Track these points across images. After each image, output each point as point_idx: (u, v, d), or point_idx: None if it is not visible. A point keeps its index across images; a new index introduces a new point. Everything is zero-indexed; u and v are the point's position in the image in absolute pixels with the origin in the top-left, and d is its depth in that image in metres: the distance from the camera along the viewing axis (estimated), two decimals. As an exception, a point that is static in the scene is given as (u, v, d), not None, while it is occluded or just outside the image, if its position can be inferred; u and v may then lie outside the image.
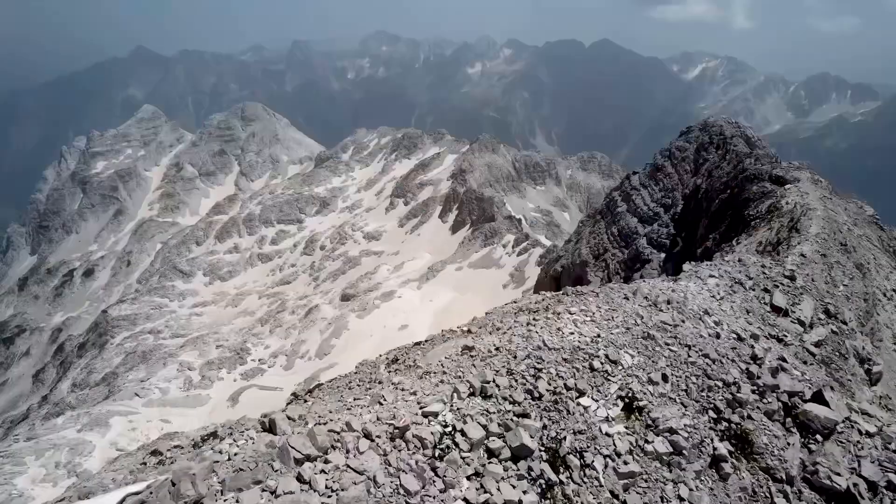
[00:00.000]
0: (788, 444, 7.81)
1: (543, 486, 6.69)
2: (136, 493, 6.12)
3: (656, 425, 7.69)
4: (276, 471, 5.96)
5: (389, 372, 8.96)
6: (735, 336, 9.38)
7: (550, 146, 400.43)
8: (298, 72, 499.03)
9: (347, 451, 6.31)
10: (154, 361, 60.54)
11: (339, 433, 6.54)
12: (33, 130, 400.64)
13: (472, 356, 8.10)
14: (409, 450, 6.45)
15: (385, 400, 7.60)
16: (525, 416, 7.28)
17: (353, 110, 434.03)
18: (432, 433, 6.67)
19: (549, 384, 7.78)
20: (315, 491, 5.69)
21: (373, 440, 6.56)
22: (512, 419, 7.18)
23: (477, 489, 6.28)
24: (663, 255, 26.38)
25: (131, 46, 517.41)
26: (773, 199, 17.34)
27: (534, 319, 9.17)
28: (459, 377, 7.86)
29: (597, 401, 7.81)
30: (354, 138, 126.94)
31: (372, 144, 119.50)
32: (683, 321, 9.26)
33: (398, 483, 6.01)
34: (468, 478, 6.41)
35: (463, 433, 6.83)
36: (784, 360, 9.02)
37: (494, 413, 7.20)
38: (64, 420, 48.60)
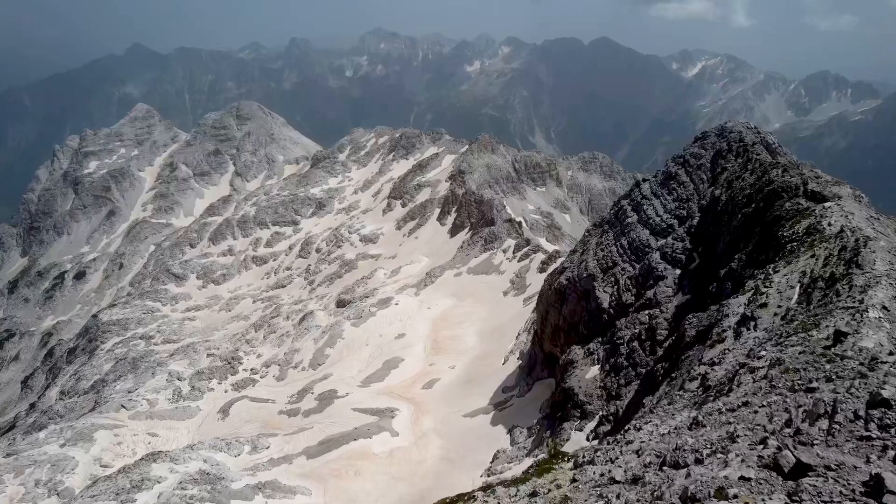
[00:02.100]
0: None
1: None
2: None
3: None
4: None
5: None
6: None
7: (549, 144, 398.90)
8: (296, 69, 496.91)
9: None
10: (143, 371, 58.58)
11: None
12: (29, 129, 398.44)
13: None
14: None
15: None
16: None
17: (352, 108, 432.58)
18: None
19: None
20: None
21: None
22: None
23: None
24: (678, 271, 24.48)
25: (128, 44, 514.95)
26: (811, 220, 15.44)
27: None
28: None
29: None
30: (351, 138, 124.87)
31: (369, 144, 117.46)
32: None
33: None
34: None
35: None
36: None
37: None
38: (46, 434, 46.67)
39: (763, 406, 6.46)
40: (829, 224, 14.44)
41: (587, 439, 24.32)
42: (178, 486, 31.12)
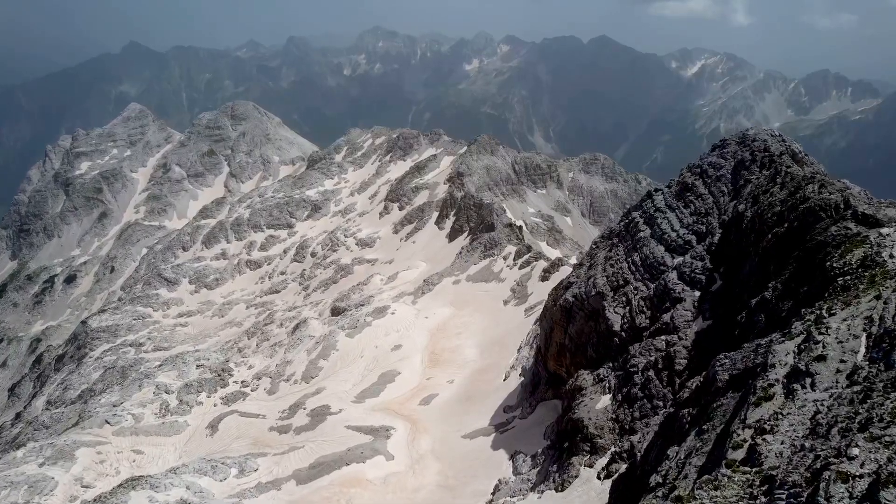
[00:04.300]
0: None
1: None
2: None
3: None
4: None
5: None
6: None
7: (548, 143, 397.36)
8: (294, 68, 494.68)
9: None
10: (129, 383, 56.44)
11: None
12: (25, 128, 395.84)
13: None
14: None
15: None
16: None
17: (350, 107, 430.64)
18: None
19: None
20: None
21: None
22: None
23: None
24: (698, 293, 22.39)
25: (124, 42, 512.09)
26: (865, 249, 13.36)
27: None
28: None
29: None
30: (348, 138, 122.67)
31: (366, 145, 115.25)
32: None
33: None
34: None
35: None
36: None
37: None
38: (24, 453, 44.46)
39: None
40: (892, 256, 12.39)
41: (598, 477, 22.26)
42: (157, 518, 29.07)
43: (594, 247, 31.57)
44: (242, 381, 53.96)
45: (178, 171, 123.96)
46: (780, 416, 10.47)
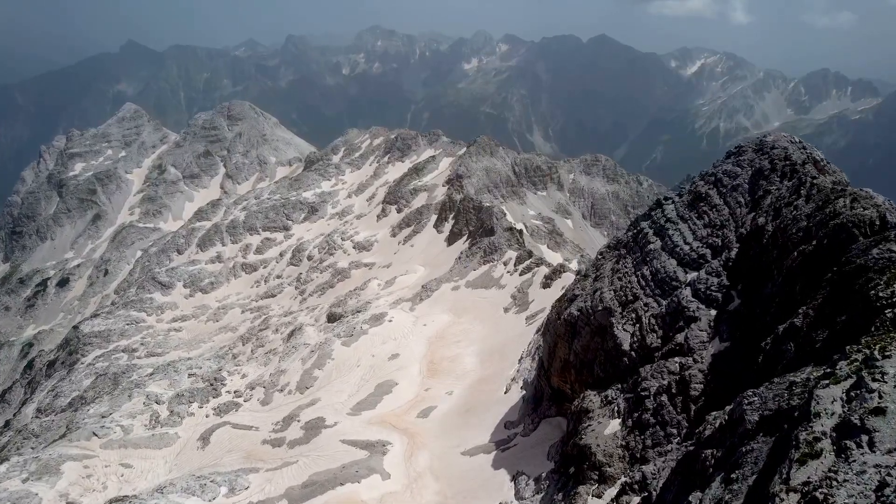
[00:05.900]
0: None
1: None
2: None
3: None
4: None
5: None
6: None
7: (547, 143, 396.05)
8: (293, 67, 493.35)
9: None
10: (119, 393, 54.90)
11: None
12: (22, 127, 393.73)
13: None
14: None
15: None
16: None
17: (349, 106, 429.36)
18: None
19: None
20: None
21: None
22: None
23: None
24: (714, 312, 20.89)
25: (122, 41, 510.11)
26: (915, 277, 11.88)
27: None
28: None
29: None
30: (346, 139, 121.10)
31: (364, 146, 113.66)
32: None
33: None
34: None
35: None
36: None
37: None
38: (8, 468, 42.92)
39: None
40: (949, 288, 10.95)
41: (607, 510, 20.76)
42: (140, 545, 27.57)
43: (600, 257, 30.04)
44: (235, 391, 52.41)
45: (174, 173, 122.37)
46: (834, 483, 8.98)
